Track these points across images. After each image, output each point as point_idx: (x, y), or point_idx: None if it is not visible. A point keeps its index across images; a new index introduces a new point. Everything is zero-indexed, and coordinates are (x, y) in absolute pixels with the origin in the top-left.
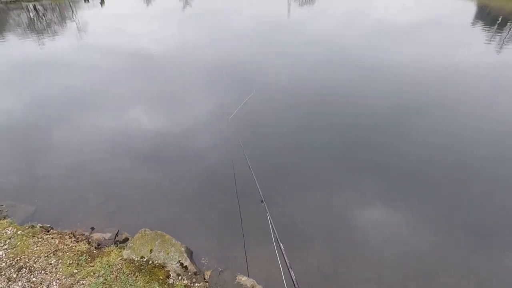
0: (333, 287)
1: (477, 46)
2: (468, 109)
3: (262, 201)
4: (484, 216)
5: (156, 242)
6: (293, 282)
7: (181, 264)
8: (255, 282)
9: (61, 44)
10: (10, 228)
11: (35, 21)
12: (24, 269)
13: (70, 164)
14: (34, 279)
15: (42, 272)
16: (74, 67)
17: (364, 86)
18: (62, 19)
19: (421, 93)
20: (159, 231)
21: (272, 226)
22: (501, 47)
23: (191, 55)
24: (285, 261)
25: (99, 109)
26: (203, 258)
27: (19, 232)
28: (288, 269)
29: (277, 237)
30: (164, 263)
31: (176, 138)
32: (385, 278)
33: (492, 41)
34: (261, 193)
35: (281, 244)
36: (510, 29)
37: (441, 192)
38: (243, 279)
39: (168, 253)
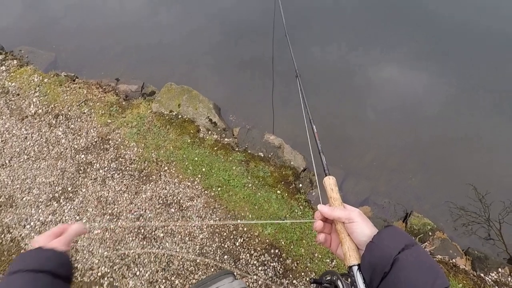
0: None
1: None
2: None
3: (296, 76)
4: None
5: (183, 97)
6: (324, 167)
7: (210, 120)
8: (283, 142)
9: None
10: (36, 75)
11: None
12: (61, 116)
13: (85, 5)
14: (72, 126)
15: (78, 120)
16: None
17: None
18: None
19: None
20: (185, 86)
21: (305, 106)
22: None
23: None
24: (317, 145)
25: None
26: (231, 115)
27: (45, 80)
28: (320, 153)
29: (310, 118)
30: (193, 118)
31: None
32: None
33: None
34: (296, 67)
35: (314, 126)
36: None
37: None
38: (271, 137)
39: (196, 109)
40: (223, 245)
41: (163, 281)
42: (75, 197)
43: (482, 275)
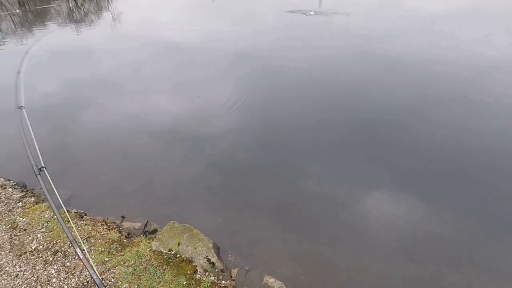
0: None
1: None
2: (498, 109)
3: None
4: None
5: (184, 236)
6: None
7: (208, 260)
8: (283, 285)
9: (96, 33)
10: (48, 211)
11: (74, 11)
12: (60, 253)
13: (105, 150)
14: (68, 263)
15: (76, 257)
16: (106, 54)
17: (391, 80)
18: (99, 9)
19: (450, 88)
20: (187, 225)
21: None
22: None
23: (215, 47)
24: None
25: (133, 96)
26: (230, 255)
27: (55, 217)
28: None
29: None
30: (191, 257)
31: (206, 129)
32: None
33: None
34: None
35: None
36: None
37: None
38: (270, 280)
39: (195, 248)
40: None
41: None
42: None
43: None
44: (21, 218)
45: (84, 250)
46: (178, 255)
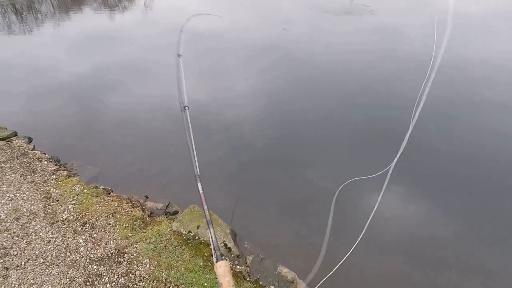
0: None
1: None
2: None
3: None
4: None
5: (204, 220)
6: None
7: (225, 244)
8: (296, 276)
9: (128, 18)
10: (78, 185)
11: None
12: (88, 225)
13: (134, 132)
14: (95, 235)
15: (102, 230)
16: (135, 40)
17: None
18: None
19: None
20: None
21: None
22: None
23: (240, 37)
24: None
25: (162, 80)
26: (246, 242)
27: (85, 191)
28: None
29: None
30: (209, 240)
31: (225, 113)
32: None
33: None
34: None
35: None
36: None
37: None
38: (284, 270)
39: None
40: None
41: None
42: None
43: None
44: (54, 190)
45: None
46: (197, 237)
